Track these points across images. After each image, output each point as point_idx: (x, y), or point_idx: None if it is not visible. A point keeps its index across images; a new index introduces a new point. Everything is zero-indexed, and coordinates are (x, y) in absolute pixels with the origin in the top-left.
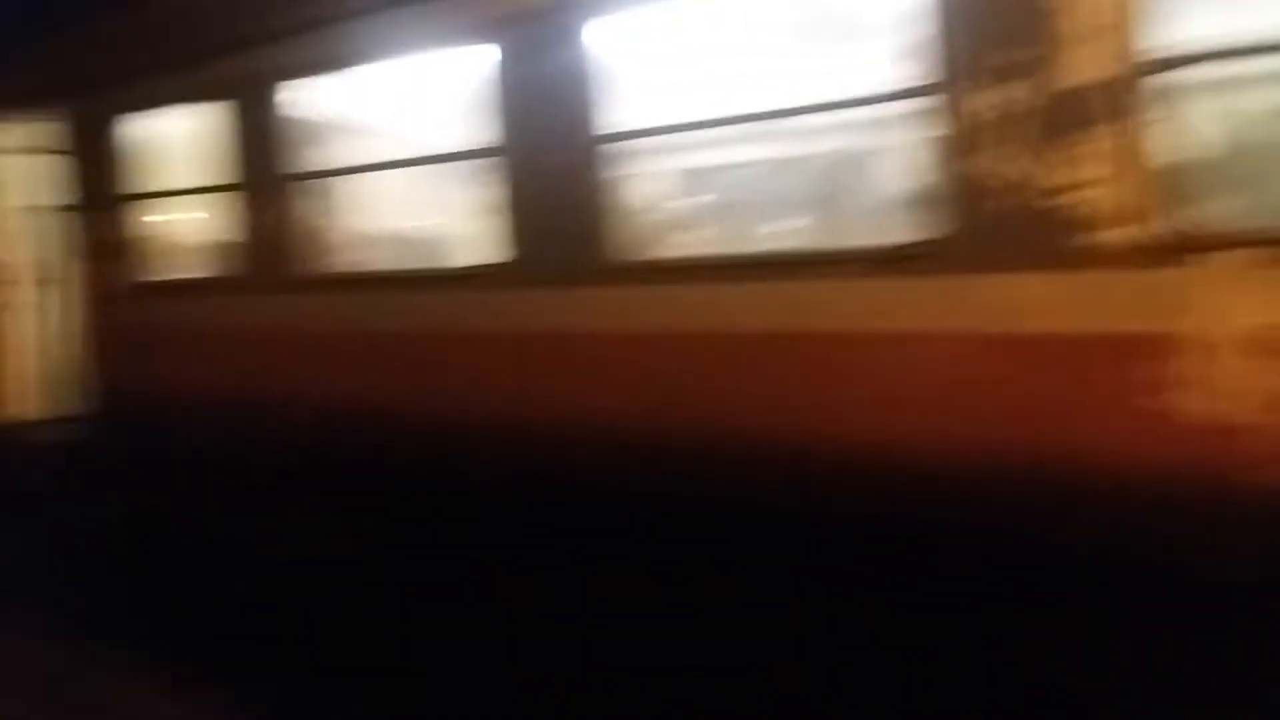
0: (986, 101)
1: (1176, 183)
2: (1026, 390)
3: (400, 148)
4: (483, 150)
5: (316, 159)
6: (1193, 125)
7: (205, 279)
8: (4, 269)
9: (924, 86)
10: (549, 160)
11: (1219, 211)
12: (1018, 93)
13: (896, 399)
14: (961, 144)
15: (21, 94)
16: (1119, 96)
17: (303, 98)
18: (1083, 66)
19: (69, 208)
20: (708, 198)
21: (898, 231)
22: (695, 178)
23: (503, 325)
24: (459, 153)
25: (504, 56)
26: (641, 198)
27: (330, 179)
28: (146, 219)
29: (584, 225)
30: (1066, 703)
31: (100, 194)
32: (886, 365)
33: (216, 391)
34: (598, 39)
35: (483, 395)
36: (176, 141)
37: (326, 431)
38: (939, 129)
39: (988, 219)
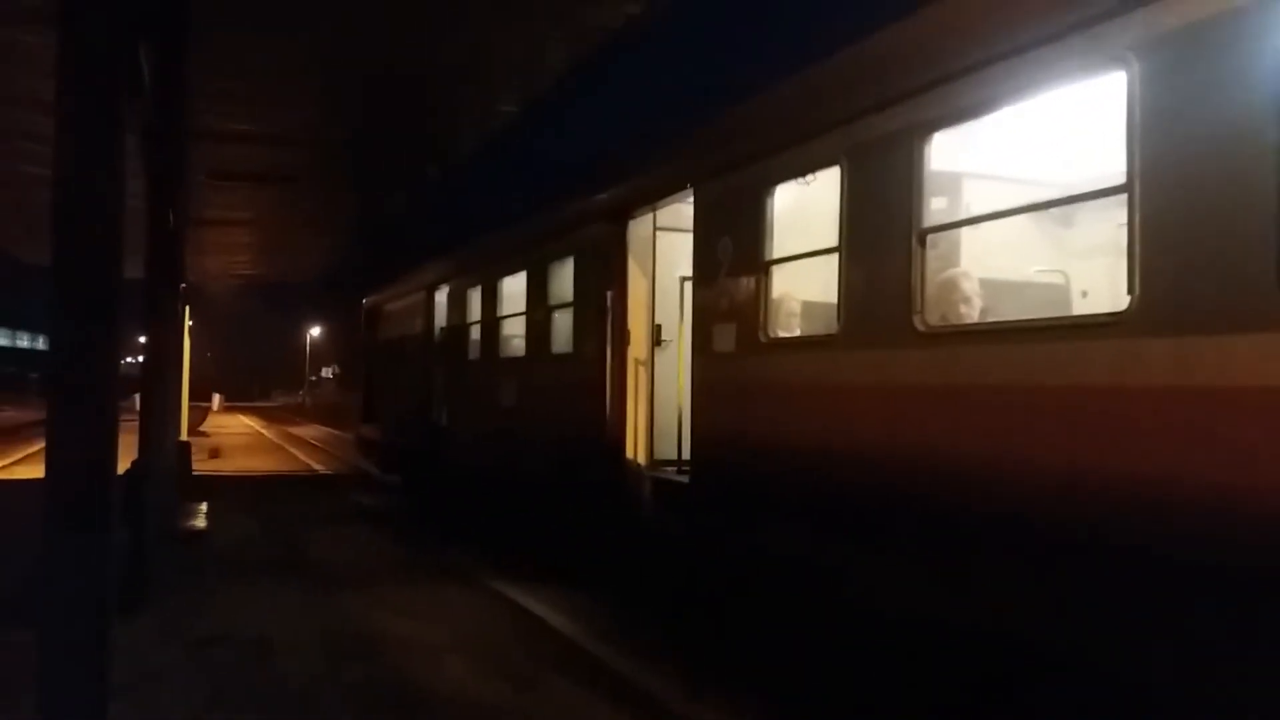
0: None
1: None
2: None
3: (1021, 193)
4: (1113, 187)
5: (928, 213)
6: None
7: (798, 338)
8: (659, 331)
9: None
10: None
11: None
12: None
13: None
14: None
15: (665, 180)
16: None
17: (920, 152)
18: None
19: (687, 278)
20: None
21: None
22: None
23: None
24: (1087, 193)
25: (1137, 80)
26: None
27: (941, 232)
28: (749, 286)
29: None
30: None
31: (709, 265)
32: None
33: (803, 445)
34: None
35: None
36: (780, 214)
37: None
38: None
39: None
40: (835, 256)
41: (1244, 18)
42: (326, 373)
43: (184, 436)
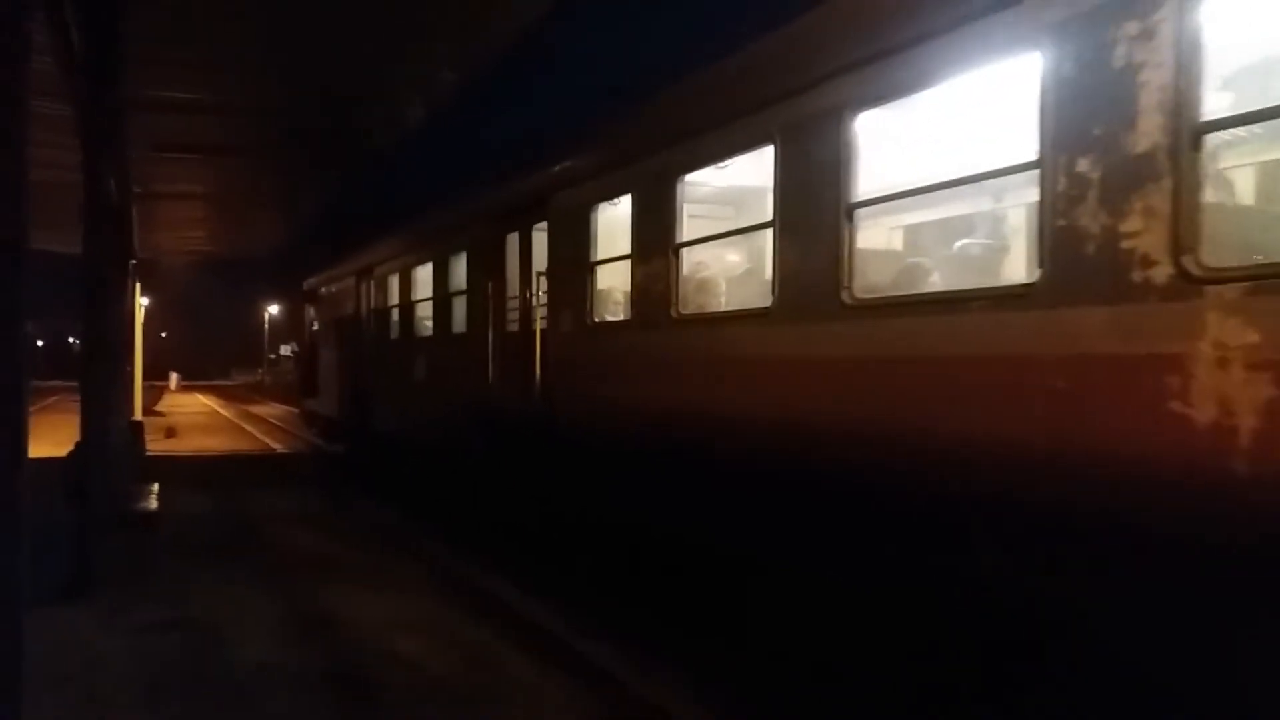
0: None
1: None
2: None
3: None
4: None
5: (694, 227)
6: None
7: (613, 322)
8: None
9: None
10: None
11: None
12: None
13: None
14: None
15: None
16: None
17: (678, 186)
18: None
19: (542, 273)
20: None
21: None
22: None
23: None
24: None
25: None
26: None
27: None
28: (588, 279)
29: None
30: None
31: (557, 262)
32: None
33: (623, 401)
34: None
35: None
36: (602, 226)
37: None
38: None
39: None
40: (629, 261)
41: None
42: (286, 350)
43: (138, 416)
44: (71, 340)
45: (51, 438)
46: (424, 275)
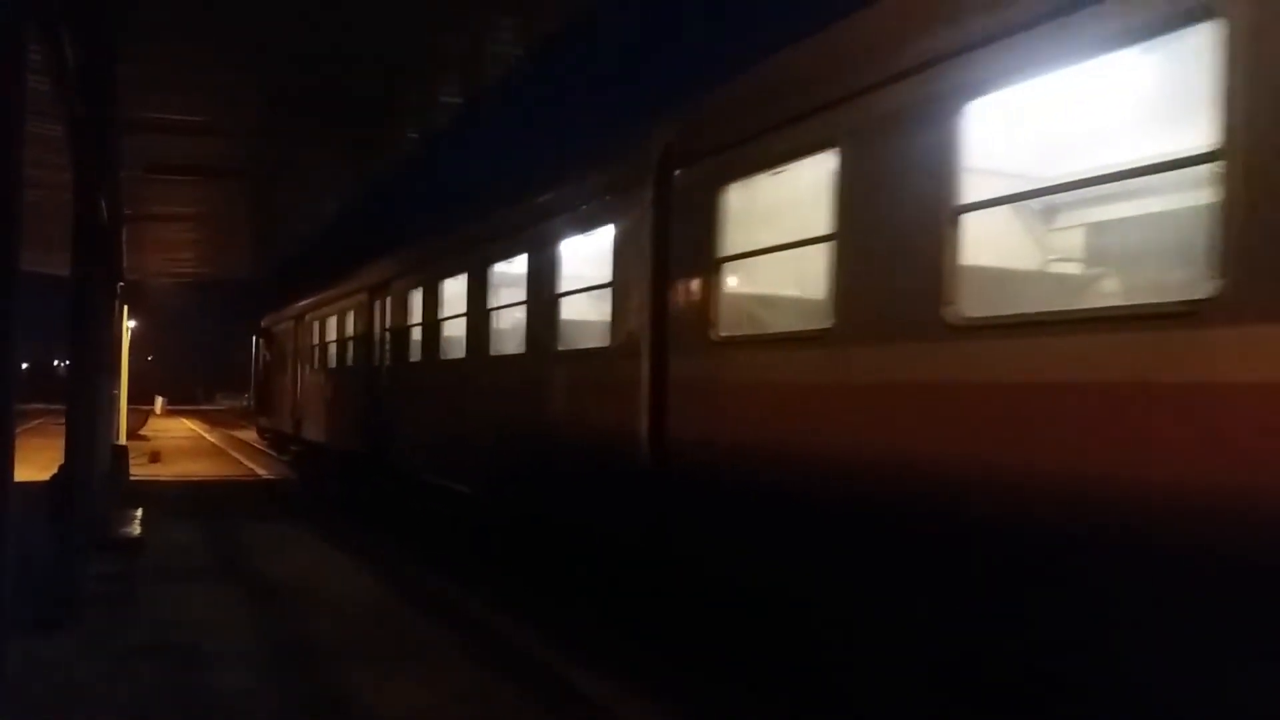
0: None
1: None
2: None
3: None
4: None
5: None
6: None
7: (418, 361)
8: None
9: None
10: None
11: None
12: None
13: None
14: None
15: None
16: None
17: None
18: None
19: (387, 329)
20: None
21: None
22: None
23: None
24: None
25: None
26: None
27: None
28: (406, 336)
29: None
30: None
31: (393, 323)
32: None
33: (438, 406)
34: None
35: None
36: (413, 301)
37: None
38: None
39: None
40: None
41: None
42: None
43: (123, 440)
44: (56, 363)
45: (35, 461)
46: (332, 324)
